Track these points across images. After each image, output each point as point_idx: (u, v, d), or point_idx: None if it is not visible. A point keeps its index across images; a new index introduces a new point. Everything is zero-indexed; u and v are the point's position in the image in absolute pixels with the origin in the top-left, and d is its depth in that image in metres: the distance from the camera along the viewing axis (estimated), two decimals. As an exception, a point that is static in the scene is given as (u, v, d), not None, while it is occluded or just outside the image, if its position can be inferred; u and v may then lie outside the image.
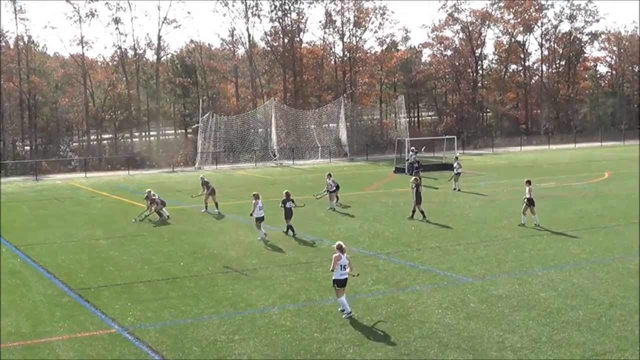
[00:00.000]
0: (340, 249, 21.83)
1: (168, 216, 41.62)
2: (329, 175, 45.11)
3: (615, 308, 21.62)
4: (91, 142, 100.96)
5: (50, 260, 31.17)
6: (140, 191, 56.94)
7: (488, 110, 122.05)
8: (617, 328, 19.96)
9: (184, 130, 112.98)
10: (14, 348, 19.77)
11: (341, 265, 21.64)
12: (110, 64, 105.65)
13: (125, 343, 20.01)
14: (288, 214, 35.74)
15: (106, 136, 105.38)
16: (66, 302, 24.43)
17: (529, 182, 36.86)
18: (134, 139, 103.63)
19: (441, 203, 45.93)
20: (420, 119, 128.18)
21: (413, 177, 40.51)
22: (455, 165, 52.80)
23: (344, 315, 21.46)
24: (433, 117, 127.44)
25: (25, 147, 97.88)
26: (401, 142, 75.86)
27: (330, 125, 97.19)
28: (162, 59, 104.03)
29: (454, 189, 51.38)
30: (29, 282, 27.42)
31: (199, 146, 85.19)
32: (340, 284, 21.65)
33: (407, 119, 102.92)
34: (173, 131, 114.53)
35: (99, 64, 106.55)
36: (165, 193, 51.34)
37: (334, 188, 44.35)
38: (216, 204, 44.42)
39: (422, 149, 73.28)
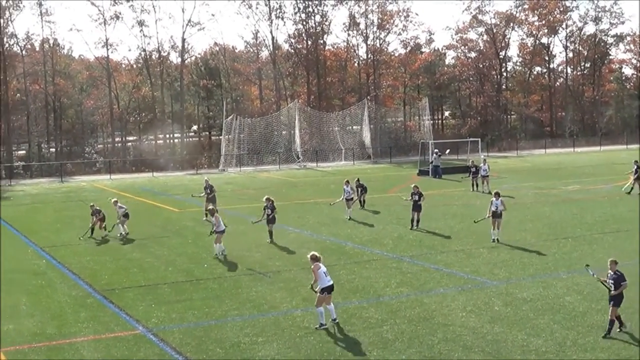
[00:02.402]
0: (315, 259, 21.16)
1: (127, 233, 37.10)
2: (347, 182, 42.42)
3: (641, 312, 21.47)
4: (116, 144, 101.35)
5: (75, 261, 31.36)
6: (165, 193, 57.25)
7: (512, 112, 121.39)
8: (643, 332, 19.85)
9: (207, 132, 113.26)
10: (39, 349, 19.93)
11: (324, 272, 21.11)
12: (134, 66, 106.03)
13: (149, 344, 20.13)
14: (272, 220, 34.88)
15: (130, 138, 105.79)
16: (91, 303, 24.60)
17: (497, 194, 34.18)
18: (158, 141, 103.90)
19: (464, 206, 45.78)
20: (444, 121, 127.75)
21: (413, 185, 38.81)
22: (485, 167, 52.49)
23: (316, 327, 20.90)
24: (457, 120, 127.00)
25: (51, 149, 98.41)
26: (425, 144, 75.73)
27: (354, 127, 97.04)
28: (186, 61, 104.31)
29: (484, 191, 50.86)
30: (54, 283, 27.62)
31: (223, 148, 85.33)
32: (329, 290, 21.03)
33: (431, 122, 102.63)
34: (197, 133, 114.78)
35: (124, 66, 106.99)
36: (188, 195, 51.56)
37: (351, 196, 42.09)
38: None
39: (446, 152, 73.04)
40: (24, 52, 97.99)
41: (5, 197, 59.40)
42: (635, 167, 48.82)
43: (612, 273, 19.79)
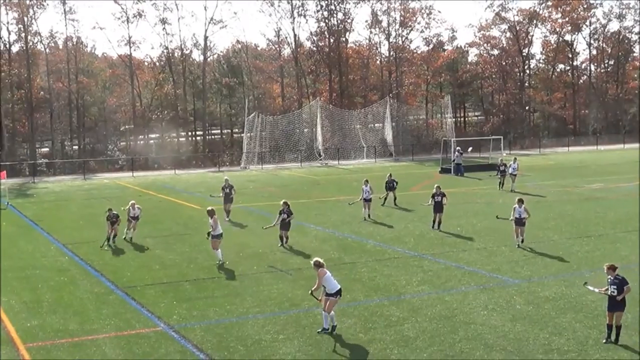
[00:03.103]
0: (319, 265, 20.66)
1: (131, 238, 35.65)
2: (366, 181, 41.28)
3: (665, 311, 21.29)
4: (138, 142, 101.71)
5: (97, 258, 31.53)
6: (186, 190, 57.42)
7: (535, 110, 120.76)
8: (666, 331, 19.70)
9: (230, 130, 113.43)
10: (61, 345, 20.05)
11: (331, 277, 20.69)
12: (157, 64, 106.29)
13: (170, 341, 20.20)
14: (285, 225, 33.20)
15: (153, 136, 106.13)
16: (113, 300, 24.73)
17: (520, 201, 32.30)
18: (180, 139, 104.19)
19: (486, 204, 45.66)
20: (466, 119, 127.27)
21: (436, 186, 37.67)
22: (514, 165, 52.20)
23: (318, 331, 20.50)
24: (479, 117, 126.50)
25: (74, 147, 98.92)
26: (447, 142, 75.60)
27: (376, 125, 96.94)
28: (208, 59, 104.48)
29: (512, 190, 50.65)
30: (76, 280, 27.77)
31: (245, 146, 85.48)
32: (339, 293, 20.57)
33: (453, 119, 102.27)
34: (219, 131, 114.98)
35: (146, 64, 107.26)
36: (210, 193, 51.62)
37: (370, 196, 40.61)
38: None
39: (469, 150, 72.89)
40: (47, 50, 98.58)
41: (29, 194, 59.74)
42: None
43: (612, 278, 19.24)
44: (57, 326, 21.77)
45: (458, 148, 67.37)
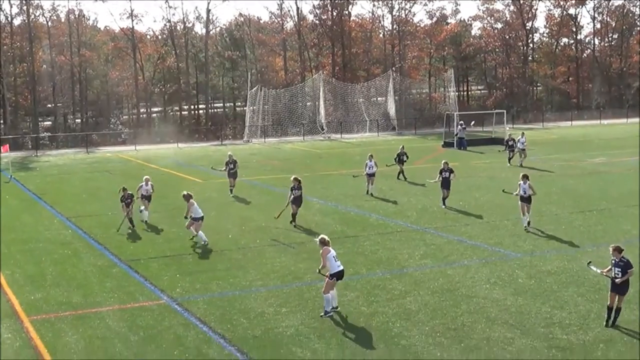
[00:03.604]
0: (324, 242, 19.94)
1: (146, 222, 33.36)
2: (371, 156, 40.49)
3: (666, 285, 21.36)
4: (141, 115, 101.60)
5: (100, 231, 31.59)
6: (189, 164, 57.45)
7: (538, 84, 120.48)
8: (668, 305, 19.72)
9: (232, 104, 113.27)
10: (65, 318, 20.15)
11: (333, 257, 19.84)
12: (159, 37, 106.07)
13: (174, 314, 20.31)
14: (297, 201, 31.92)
15: (155, 109, 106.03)
16: (116, 273, 24.83)
17: (525, 177, 31.06)
18: (183, 112, 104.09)
19: (489, 178, 45.65)
20: (469, 93, 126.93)
21: (443, 162, 36.34)
22: (522, 140, 51.75)
23: (322, 315, 19.77)
24: (482, 91, 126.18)
25: (76, 120, 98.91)
26: (450, 116, 75.38)
27: (379, 99, 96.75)
28: (210, 32, 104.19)
29: (520, 165, 50.35)
30: (80, 253, 27.86)
31: (248, 119, 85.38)
32: (340, 275, 19.85)
33: (456, 93, 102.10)
34: (222, 104, 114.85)
35: (149, 37, 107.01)
36: (215, 166, 51.65)
37: (374, 170, 39.92)
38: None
39: (472, 124, 72.77)
40: (49, 23, 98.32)
41: (32, 167, 59.80)
42: None
43: (616, 260, 18.76)
44: (61, 299, 21.87)
45: (461, 122, 67.25)
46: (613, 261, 18.81)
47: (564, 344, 17.47)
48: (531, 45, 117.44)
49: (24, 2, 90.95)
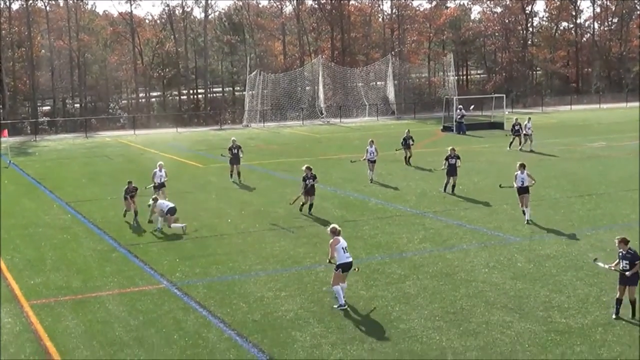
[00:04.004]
0: (334, 232, 19.39)
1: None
2: (372, 142, 39.87)
3: (665, 269, 21.44)
4: (140, 100, 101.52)
5: (100, 216, 31.64)
6: (189, 149, 57.42)
7: (538, 68, 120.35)
8: (666, 289, 19.81)
9: (231, 88, 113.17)
10: (65, 302, 20.22)
11: (343, 248, 19.16)
12: (158, 21, 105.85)
13: (173, 298, 20.37)
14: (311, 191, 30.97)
15: (154, 94, 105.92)
16: (116, 258, 24.89)
17: (522, 166, 29.27)
18: (182, 97, 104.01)
19: (488, 162, 45.68)
20: (468, 77, 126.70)
21: (450, 148, 35.39)
22: (529, 125, 51.31)
23: (336, 307, 19.12)
24: (482, 76, 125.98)
25: (75, 105, 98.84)
26: (449, 100, 75.31)
27: (378, 83, 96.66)
28: (209, 17, 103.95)
29: (529, 150, 50.16)
30: (79, 238, 27.93)
31: (247, 104, 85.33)
32: (346, 267, 19.19)
33: (456, 77, 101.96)
34: (221, 89, 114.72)
35: (147, 21, 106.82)
36: (214, 151, 51.77)
37: (375, 157, 39.22)
38: (238, 174, 40.03)
39: (471, 108, 72.72)
40: (48, 8, 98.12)
41: (31, 152, 59.80)
42: None
43: (623, 252, 18.19)
44: (61, 283, 21.95)
45: (460, 106, 67.22)
46: (620, 254, 18.35)
47: (563, 328, 17.51)
48: (531, 29, 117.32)
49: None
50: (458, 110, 66.49)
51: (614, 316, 18.17)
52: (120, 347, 17.01)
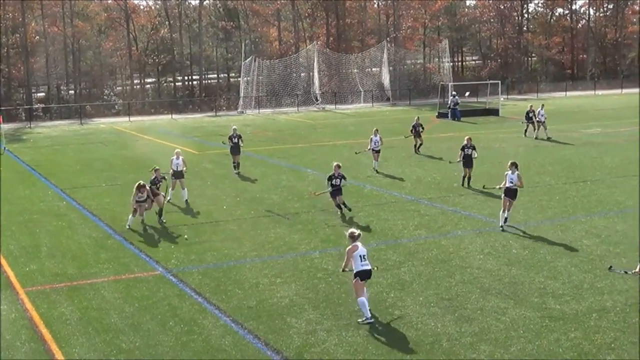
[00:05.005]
0: (353, 237, 17.63)
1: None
2: (376, 131, 38.77)
3: (659, 255, 21.46)
4: (134, 86, 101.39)
5: (95, 203, 31.68)
6: (184, 135, 57.44)
7: (533, 54, 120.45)
8: (661, 275, 19.85)
9: (226, 74, 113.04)
10: (60, 289, 20.25)
11: (360, 256, 17.48)
12: (153, 8, 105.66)
13: (169, 285, 20.41)
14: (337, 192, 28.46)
15: (149, 80, 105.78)
16: (111, 245, 24.91)
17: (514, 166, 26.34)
18: (177, 83, 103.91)
19: (483, 149, 45.51)
20: (464, 63, 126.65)
21: (467, 137, 34.35)
22: (542, 112, 50.50)
23: (360, 321, 17.39)
24: (477, 62, 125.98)
25: (70, 91, 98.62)
26: (444, 86, 75.45)
27: (373, 69, 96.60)
28: (204, 3, 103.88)
29: (536, 137, 49.79)
30: (74, 225, 27.94)
31: (242, 90, 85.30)
32: (364, 275, 17.47)
33: (451, 64, 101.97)
34: (216, 75, 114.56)
35: (142, 7, 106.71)
36: (209, 138, 51.80)
37: (379, 147, 38.15)
38: (237, 165, 38.78)
39: (466, 94, 72.85)
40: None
41: (25, 139, 59.77)
42: None
43: None
44: (56, 270, 21.98)
45: (454, 93, 67.42)
46: None
47: (557, 314, 17.59)
48: (526, 15, 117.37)
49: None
50: (452, 97, 66.65)
51: None
52: (115, 333, 17.04)
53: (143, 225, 27.19)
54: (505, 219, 25.75)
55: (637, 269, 17.66)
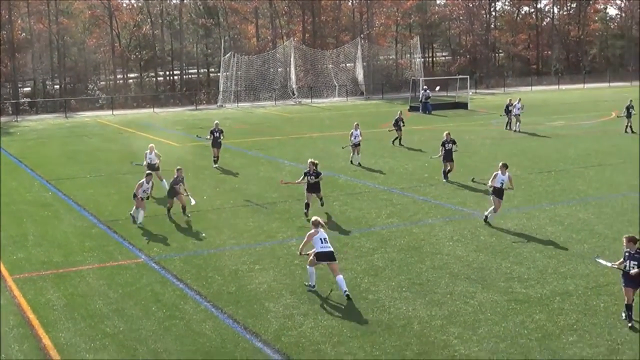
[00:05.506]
0: (315, 224, 19.04)
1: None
2: (357, 125, 38.77)
3: (619, 242, 21.24)
4: (117, 81, 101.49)
5: (80, 193, 32.10)
6: (165, 128, 57.86)
7: (500, 51, 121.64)
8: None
9: (206, 70, 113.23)
10: (46, 276, 20.73)
11: (321, 239, 18.78)
12: (135, 5, 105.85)
13: (151, 272, 20.93)
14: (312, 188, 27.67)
15: (132, 75, 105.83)
16: (96, 233, 25.35)
17: (505, 167, 25.67)
18: (158, 78, 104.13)
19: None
20: (434, 59, 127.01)
21: (446, 132, 34.05)
22: (518, 105, 51.26)
23: (306, 284, 19.30)
24: (447, 58, 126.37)
25: (55, 86, 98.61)
26: (416, 81, 76.61)
27: (347, 65, 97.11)
28: (185, 1, 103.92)
29: (515, 130, 50.63)
30: (60, 214, 28.37)
31: (221, 85, 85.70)
32: (323, 256, 18.68)
33: (422, 59, 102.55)
34: (196, 70, 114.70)
35: (125, 5, 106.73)
36: (190, 130, 52.30)
37: (359, 140, 38.29)
38: (216, 159, 38.82)
39: (437, 89, 73.82)
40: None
41: (12, 132, 59.99)
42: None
43: (631, 252, 16.69)
44: (43, 258, 22.39)
45: (425, 87, 68.50)
46: (627, 253, 16.81)
47: (523, 297, 18.21)
48: (493, 13, 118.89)
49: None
50: (423, 91, 67.76)
51: (629, 324, 16.61)
52: (100, 318, 17.41)
53: (128, 215, 27.45)
54: (487, 218, 25.42)
55: (617, 263, 17.18)
